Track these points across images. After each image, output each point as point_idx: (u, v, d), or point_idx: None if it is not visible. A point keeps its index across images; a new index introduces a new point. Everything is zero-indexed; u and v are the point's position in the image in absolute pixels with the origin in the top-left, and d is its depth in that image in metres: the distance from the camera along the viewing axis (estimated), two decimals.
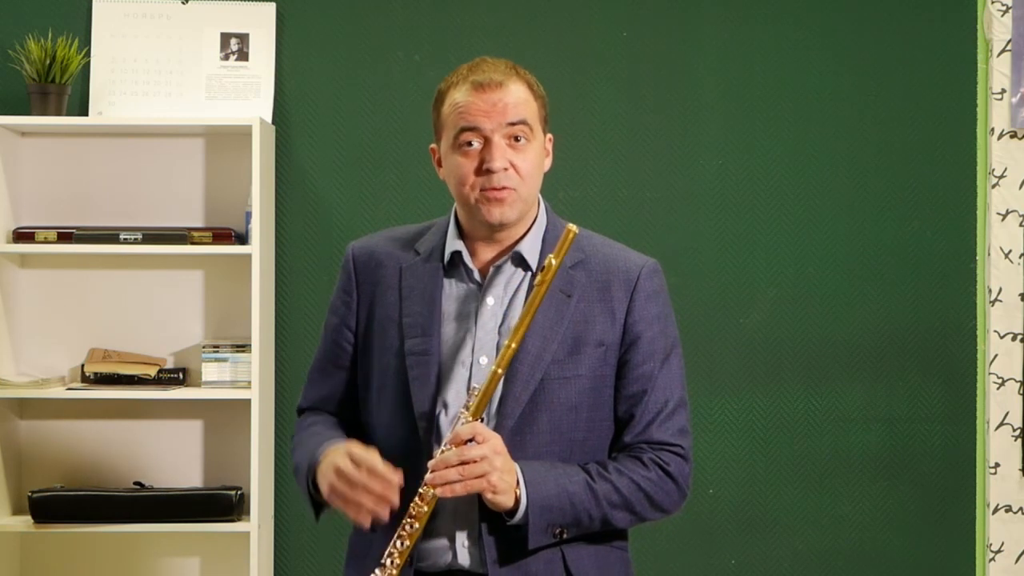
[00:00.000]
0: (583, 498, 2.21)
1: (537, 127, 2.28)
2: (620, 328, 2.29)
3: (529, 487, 2.17)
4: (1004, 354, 3.96)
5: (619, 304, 2.29)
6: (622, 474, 2.25)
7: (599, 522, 2.24)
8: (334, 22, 3.96)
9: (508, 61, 2.30)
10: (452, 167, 2.26)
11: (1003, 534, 3.95)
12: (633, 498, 2.25)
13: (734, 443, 3.98)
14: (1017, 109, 3.95)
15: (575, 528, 2.22)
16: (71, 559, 3.91)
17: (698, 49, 3.99)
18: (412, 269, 2.31)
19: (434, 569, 2.24)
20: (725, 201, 3.99)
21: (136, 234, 3.74)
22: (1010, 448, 3.96)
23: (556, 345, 2.24)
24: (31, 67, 3.75)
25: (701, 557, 3.96)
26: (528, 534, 2.18)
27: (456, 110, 2.24)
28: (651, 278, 2.33)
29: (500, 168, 2.22)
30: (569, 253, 2.25)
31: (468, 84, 2.24)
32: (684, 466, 2.30)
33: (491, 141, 2.22)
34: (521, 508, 2.17)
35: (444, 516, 2.22)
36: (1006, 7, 3.95)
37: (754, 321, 3.98)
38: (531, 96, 2.27)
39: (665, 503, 2.29)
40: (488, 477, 2.13)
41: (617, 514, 2.24)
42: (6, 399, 3.78)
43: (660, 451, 2.29)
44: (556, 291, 2.25)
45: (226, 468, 3.90)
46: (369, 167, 3.94)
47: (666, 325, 2.33)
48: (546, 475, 2.20)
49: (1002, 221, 3.96)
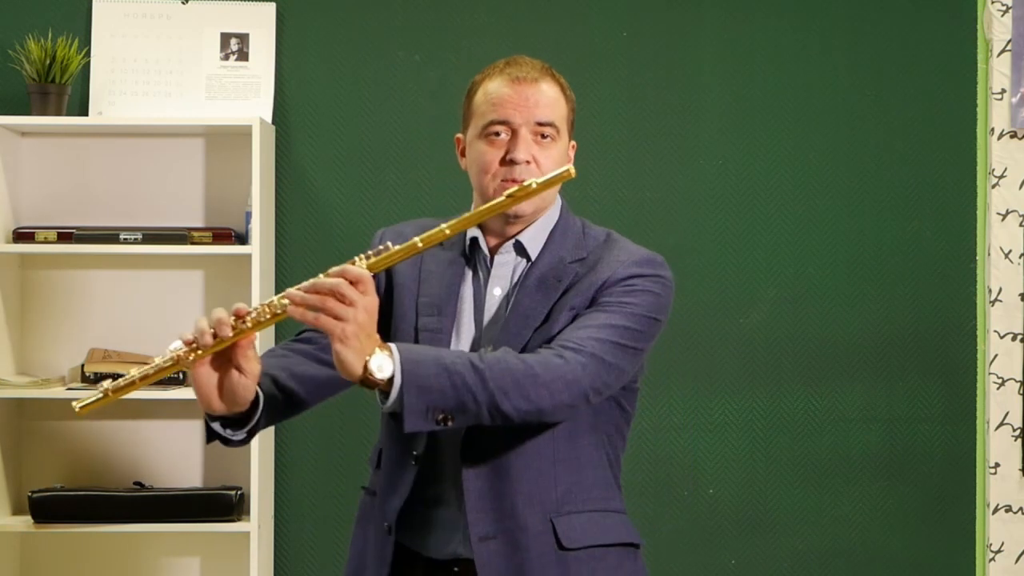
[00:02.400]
0: (468, 379, 2.06)
1: (564, 129, 2.32)
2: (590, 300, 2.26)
3: (405, 364, 2.03)
4: (1004, 354, 3.96)
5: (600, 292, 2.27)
6: (509, 353, 2.14)
7: (487, 409, 2.08)
8: (334, 22, 3.96)
9: (544, 62, 2.35)
10: (476, 155, 2.29)
11: (1003, 534, 3.95)
12: (523, 377, 2.09)
13: (734, 443, 3.98)
14: (1017, 109, 3.95)
15: (461, 415, 2.07)
16: (71, 559, 3.91)
17: (698, 49, 3.99)
18: (433, 255, 2.32)
19: (440, 556, 2.24)
20: (725, 201, 3.99)
21: (136, 234, 3.74)
22: (1010, 448, 3.96)
23: (536, 323, 2.24)
24: (31, 67, 3.75)
25: (701, 557, 3.96)
26: (404, 416, 2.04)
27: (489, 99, 2.28)
28: (631, 267, 2.29)
29: (523, 160, 2.25)
30: (575, 249, 2.28)
31: (504, 76, 2.29)
32: (584, 361, 2.14)
33: (518, 134, 2.26)
34: (395, 388, 2.03)
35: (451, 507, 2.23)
36: (1006, 7, 3.95)
37: (754, 321, 3.98)
38: (563, 98, 2.33)
39: (553, 384, 2.11)
40: (344, 325, 1.99)
41: (507, 400, 2.09)
42: (6, 399, 3.78)
43: (559, 345, 2.18)
44: (549, 277, 2.27)
45: (226, 468, 3.90)
46: (369, 167, 3.94)
47: (632, 295, 2.25)
48: (425, 354, 2.08)
49: (1002, 221, 3.96)
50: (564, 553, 2.21)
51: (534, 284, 2.27)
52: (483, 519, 2.20)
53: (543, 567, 2.20)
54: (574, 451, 2.25)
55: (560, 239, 2.32)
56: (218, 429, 2.17)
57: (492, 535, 2.20)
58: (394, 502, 2.25)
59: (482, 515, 2.20)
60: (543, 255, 2.30)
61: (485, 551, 2.20)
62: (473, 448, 2.21)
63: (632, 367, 2.25)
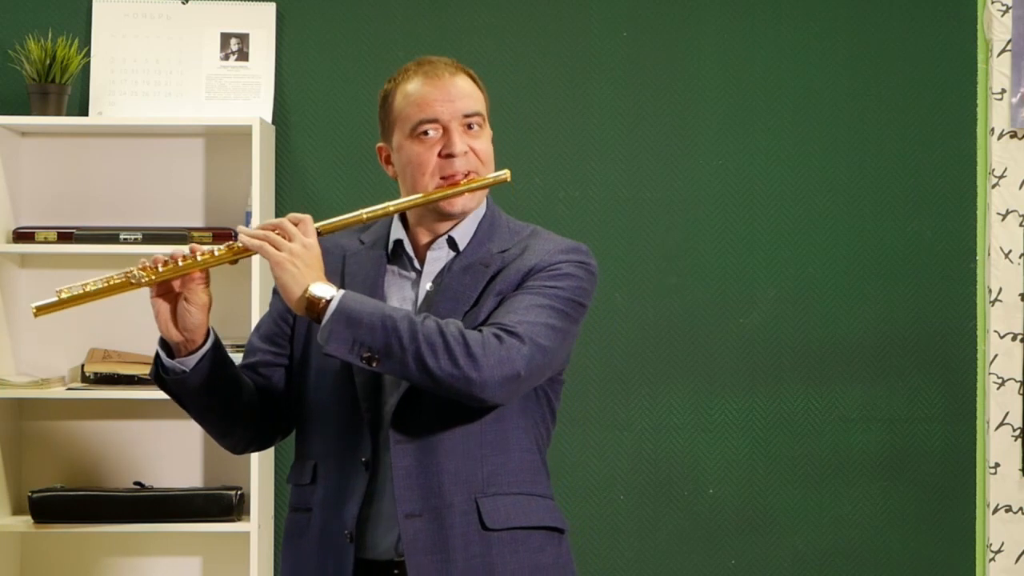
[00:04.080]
0: (399, 324, 2.15)
1: (486, 118, 2.37)
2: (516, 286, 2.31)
3: (345, 297, 2.17)
4: (1004, 354, 3.96)
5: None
6: (452, 322, 2.20)
7: (414, 360, 2.15)
8: (334, 22, 3.96)
9: (451, 58, 2.39)
10: (410, 156, 2.31)
11: (1003, 534, 3.95)
12: (455, 343, 2.16)
13: (734, 443, 3.98)
14: (1017, 109, 3.95)
15: (387, 359, 2.15)
16: (71, 559, 3.91)
17: (698, 49, 3.99)
18: (356, 256, 2.38)
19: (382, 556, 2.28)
20: (725, 201, 3.99)
21: (136, 234, 3.74)
22: (1010, 448, 3.96)
23: (466, 307, 2.28)
24: (31, 67, 3.75)
25: (701, 557, 3.96)
26: (329, 340, 2.15)
27: (411, 101, 2.31)
28: (557, 254, 2.33)
29: (461, 152, 2.29)
30: (501, 240, 2.34)
31: (421, 76, 2.33)
32: (518, 344, 2.19)
33: (449, 128, 2.30)
34: (328, 312, 2.16)
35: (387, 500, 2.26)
36: (1006, 7, 3.95)
37: (754, 321, 3.98)
38: (477, 89, 2.36)
39: (485, 359, 2.16)
40: (281, 253, 2.21)
41: (434, 358, 2.15)
42: (6, 399, 3.78)
43: (493, 326, 2.23)
44: (475, 263, 2.32)
45: (226, 468, 3.89)
46: (369, 167, 3.94)
47: (558, 279, 2.30)
48: (370, 299, 2.21)
49: (1002, 221, 3.96)
50: (487, 533, 2.25)
51: (460, 269, 2.32)
52: (410, 496, 2.23)
53: (466, 545, 2.24)
54: (502, 433, 2.29)
55: (487, 231, 2.36)
56: (163, 357, 2.30)
57: (418, 512, 2.23)
58: (351, 509, 2.27)
59: (409, 492, 2.24)
60: (470, 246, 2.35)
61: (411, 527, 2.23)
62: (403, 425, 2.25)
63: (563, 350, 2.30)
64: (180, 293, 2.26)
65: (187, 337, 2.28)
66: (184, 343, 2.28)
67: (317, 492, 2.32)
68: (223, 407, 2.35)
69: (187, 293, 2.26)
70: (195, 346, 2.29)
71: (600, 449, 3.95)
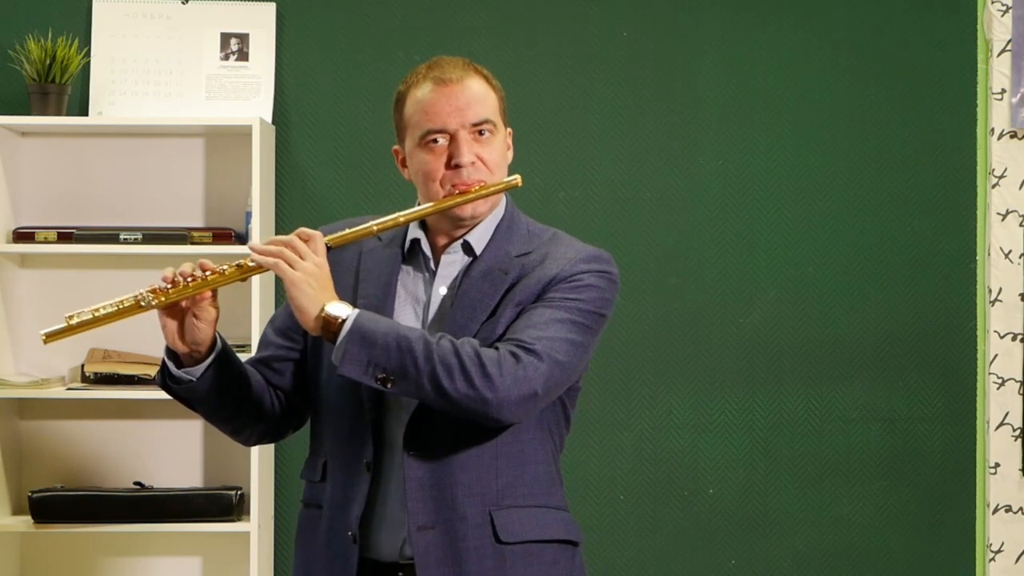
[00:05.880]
0: (415, 346, 2.13)
1: (498, 121, 2.33)
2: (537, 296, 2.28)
3: (360, 316, 2.15)
4: (1004, 354, 3.96)
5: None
6: (468, 341, 2.18)
7: (429, 381, 2.13)
8: (334, 22, 3.96)
9: (465, 59, 2.35)
10: (419, 164, 2.30)
11: (1003, 534, 3.95)
12: (471, 363, 2.14)
13: (734, 443, 3.98)
14: (1017, 109, 3.95)
15: (402, 380, 2.13)
16: (71, 559, 3.91)
17: (698, 49, 3.99)
18: (371, 254, 2.35)
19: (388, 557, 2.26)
20: (725, 201, 3.99)
21: (136, 234, 3.74)
22: (1010, 448, 3.96)
23: (484, 315, 2.26)
24: (31, 67, 3.75)
25: (701, 557, 3.96)
26: (343, 361, 2.13)
27: (420, 108, 2.29)
28: (579, 263, 2.30)
29: (468, 162, 2.27)
30: (520, 244, 2.31)
31: (429, 81, 2.30)
32: (536, 362, 2.16)
33: (457, 137, 2.28)
34: (342, 333, 2.14)
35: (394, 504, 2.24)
36: (1006, 7, 3.95)
37: (754, 321, 3.98)
38: (490, 90, 2.33)
39: (502, 379, 2.14)
40: (295, 272, 2.16)
41: (450, 379, 2.13)
42: (6, 399, 3.78)
43: (510, 343, 2.20)
44: (494, 269, 2.29)
45: (226, 468, 3.90)
46: (369, 167, 3.94)
47: (579, 291, 2.27)
48: (385, 319, 2.19)
49: (1002, 221, 3.97)
50: (501, 546, 2.23)
51: (479, 275, 2.29)
52: (423, 509, 2.22)
53: (479, 559, 2.22)
54: (517, 445, 2.27)
55: (505, 235, 2.34)
56: (170, 367, 2.28)
57: (431, 525, 2.22)
58: (354, 510, 2.26)
59: (422, 505, 2.22)
60: (488, 250, 2.32)
61: (423, 540, 2.21)
62: (416, 438, 2.23)
63: (581, 364, 2.28)
64: (188, 308, 2.25)
65: (194, 349, 2.27)
66: (191, 354, 2.28)
67: (327, 489, 2.32)
68: (233, 408, 2.35)
69: (196, 310, 2.25)
70: (202, 356, 2.28)
71: (600, 449, 3.95)
